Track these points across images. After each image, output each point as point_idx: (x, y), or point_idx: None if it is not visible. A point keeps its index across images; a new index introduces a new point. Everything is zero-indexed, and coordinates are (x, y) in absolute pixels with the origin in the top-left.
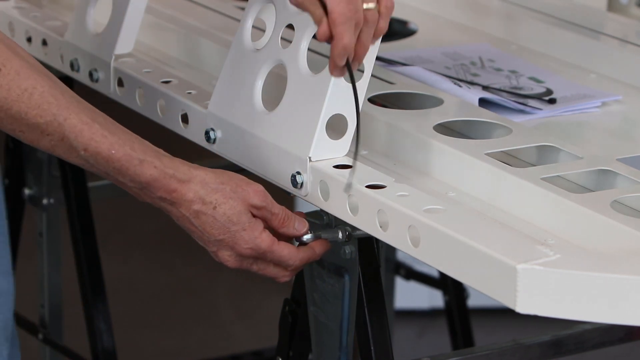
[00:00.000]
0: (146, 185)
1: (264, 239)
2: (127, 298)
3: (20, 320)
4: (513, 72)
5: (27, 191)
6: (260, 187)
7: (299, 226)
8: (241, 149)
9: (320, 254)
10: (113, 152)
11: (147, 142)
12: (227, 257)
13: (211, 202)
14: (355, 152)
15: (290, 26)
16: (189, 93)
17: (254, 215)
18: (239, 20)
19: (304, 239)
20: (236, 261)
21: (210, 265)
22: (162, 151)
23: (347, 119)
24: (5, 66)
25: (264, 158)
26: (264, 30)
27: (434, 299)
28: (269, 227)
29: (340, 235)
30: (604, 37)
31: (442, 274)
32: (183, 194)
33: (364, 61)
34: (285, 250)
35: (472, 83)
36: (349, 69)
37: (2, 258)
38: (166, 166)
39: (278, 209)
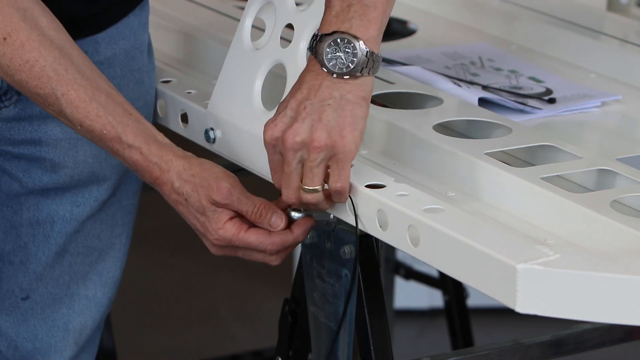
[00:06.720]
0: (135, 169)
1: (227, 229)
2: (127, 298)
3: None
4: (513, 71)
5: None
6: (225, 185)
7: (276, 222)
8: (241, 148)
9: (300, 234)
10: (105, 132)
11: (145, 125)
12: (208, 245)
13: (183, 194)
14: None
15: (289, 26)
16: (189, 93)
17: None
18: (239, 20)
19: (294, 217)
20: (217, 249)
21: (210, 265)
22: (156, 136)
23: None
24: (11, 36)
25: (263, 157)
26: (263, 30)
27: (433, 298)
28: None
29: (331, 215)
30: (604, 37)
31: (441, 274)
32: (163, 182)
33: None
34: (252, 237)
35: (471, 83)
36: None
37: (109, 272)
38: (151, 153)
39: (247, 205)
